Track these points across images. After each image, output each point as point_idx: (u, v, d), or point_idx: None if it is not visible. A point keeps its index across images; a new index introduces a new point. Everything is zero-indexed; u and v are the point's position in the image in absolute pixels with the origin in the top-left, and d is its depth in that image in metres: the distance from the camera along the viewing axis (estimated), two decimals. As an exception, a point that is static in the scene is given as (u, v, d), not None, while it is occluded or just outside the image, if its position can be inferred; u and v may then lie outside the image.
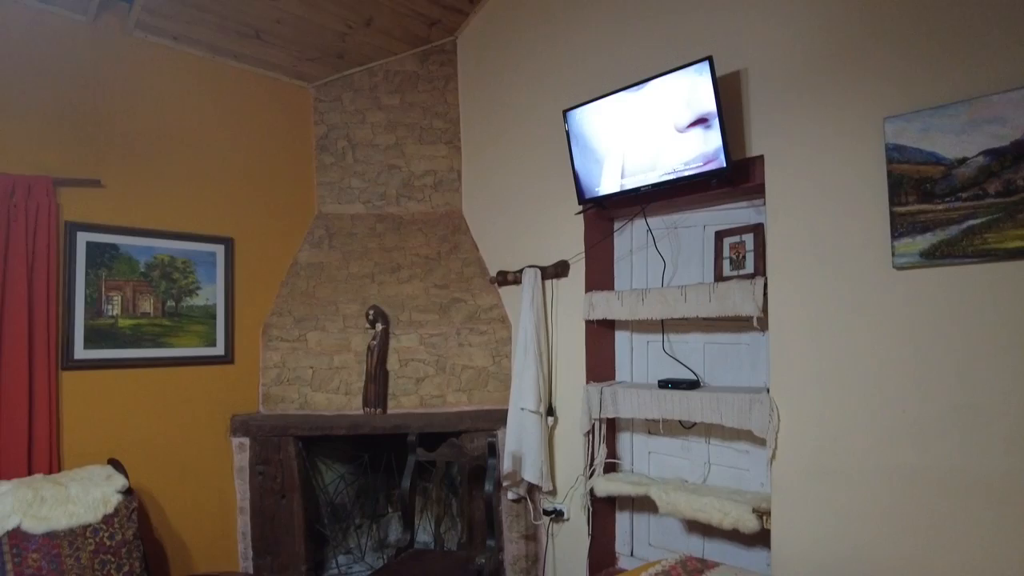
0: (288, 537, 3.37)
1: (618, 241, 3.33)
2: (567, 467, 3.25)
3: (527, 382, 3.20)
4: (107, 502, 2.64)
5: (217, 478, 3.40)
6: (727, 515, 2.58)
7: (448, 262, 3.81)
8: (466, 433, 3.37)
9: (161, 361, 3.27)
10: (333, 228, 3.89)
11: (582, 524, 3.16)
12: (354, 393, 3.56)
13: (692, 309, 2.74)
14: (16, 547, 2.32)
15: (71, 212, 3.02)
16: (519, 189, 3.59)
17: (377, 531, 3.84)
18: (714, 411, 2.69)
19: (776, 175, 2.52)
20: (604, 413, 3.03)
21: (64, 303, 2.98)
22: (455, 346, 3.60)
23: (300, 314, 3.66)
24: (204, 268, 3.45)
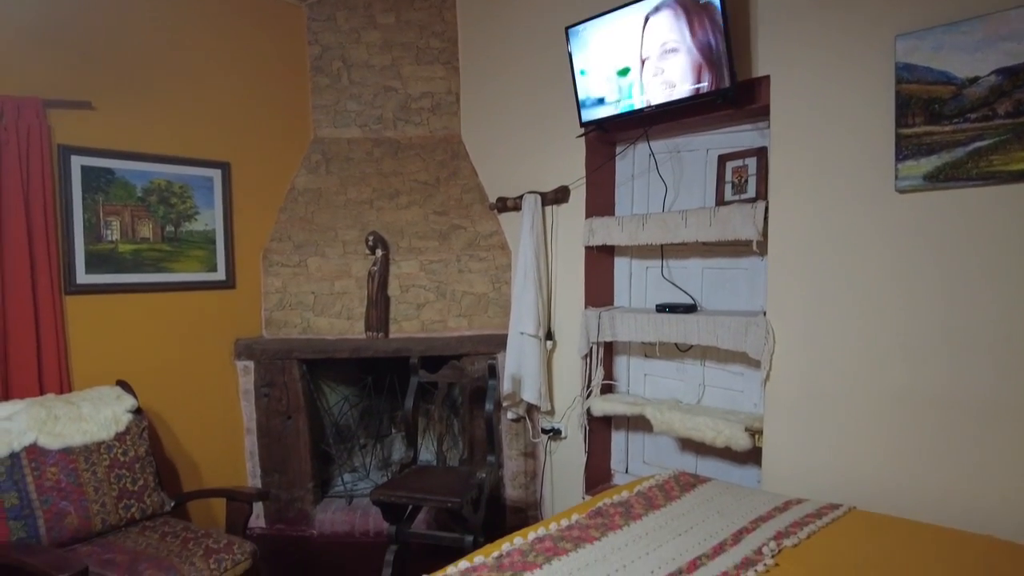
0: (295, 456, 3.49)
1: (619, 166, 3.30)
2: (565, 389, 3.33)
3: (527, 307, 3.24)
4: (118, 421, 2.71)
5: (223, 400, 3.49)
6: (720, 434, 2.67)
7: (447, 188, 3.78)
8: (467, 356, 3.43)
9: (163, 286, 3.29)
10: (330, 153, 3.84)
11: (579, 442, 3.27)
12: (356, 318, 3.61)
13: (692, 234, 2.74)
14: (34, 461, 2.40)
15: (63, 135, 2.96)
16: (519, 112, 3.52)
17: (381, 451, 3.97)
18: (710, 334, 2.73)
19: (781, 96, 2.47)
20: (602, 337, 3.08)
21: (63, 228, 2.97)
22: (455, 272, 3.62)
23: (300, 240, 3.66)
24: (201, 193, 3.42)
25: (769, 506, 2.19)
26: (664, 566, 1.78)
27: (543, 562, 1.80)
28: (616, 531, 2.02)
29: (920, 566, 1.76)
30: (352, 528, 3.45)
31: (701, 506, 2.23)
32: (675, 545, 1.91)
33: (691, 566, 1.77)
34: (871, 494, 2.24)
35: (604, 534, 2.00)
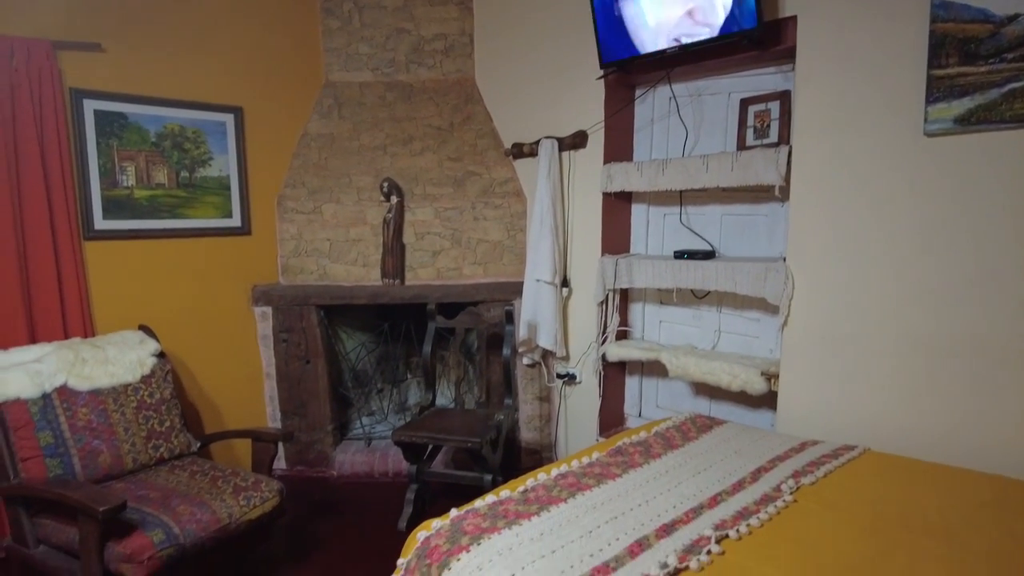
0: (314, 399, 3.56)
1: (638, 110, 3.25)
2: (580, 335, 3.37)
3: (543, 254, 3.24)
4: (143, 364, 2.76)
5: (242, 345, 3.54)
6: (736, 378, 2.70)
7: (461, 133, 3.73)
8: (483, 303, 3.46)
9: (179, 232, 3.29)
10: (342, 97, 3.78)
11: (593, 387, 3.32)
12: (371, 265, 3.62)
13: (714, 179, 2.72)
14: (66, 402, 2.46)
15: (74, 79, 2.92)
16: (535, 54, 3.44)
17: (397, 395, 4.05)
18: (729, 280, 2.74)
19: (809, 36, 2.41)
20: (619, 284, 3.09)
21: (79, 174, 2.96)
22: (470, 220, 3.61)
23: (314, 186, 3.64)
24: (215, 138, 3.39)
25: (785, 447, 2.25)
26: (685, 501, 1.83)
27: (567, 496, 1.85)
28: (636, 468, 2.08)
29: (934, 503, 1.81)
30: (371, 469, 3.55)
31: (719, 446, 2.28)
32: (695, 483, 1.96)
33: (711, 502, 1.82)
34: (886, 436, 2.29)
35: (625, 471, 2.05)
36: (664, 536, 1.62)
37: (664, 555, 1.51)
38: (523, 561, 1.49)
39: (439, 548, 1.60)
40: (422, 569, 1.58)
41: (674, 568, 1.45)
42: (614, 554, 1.52)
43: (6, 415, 2.34)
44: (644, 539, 1.60)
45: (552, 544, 1.57)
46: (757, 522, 1.69)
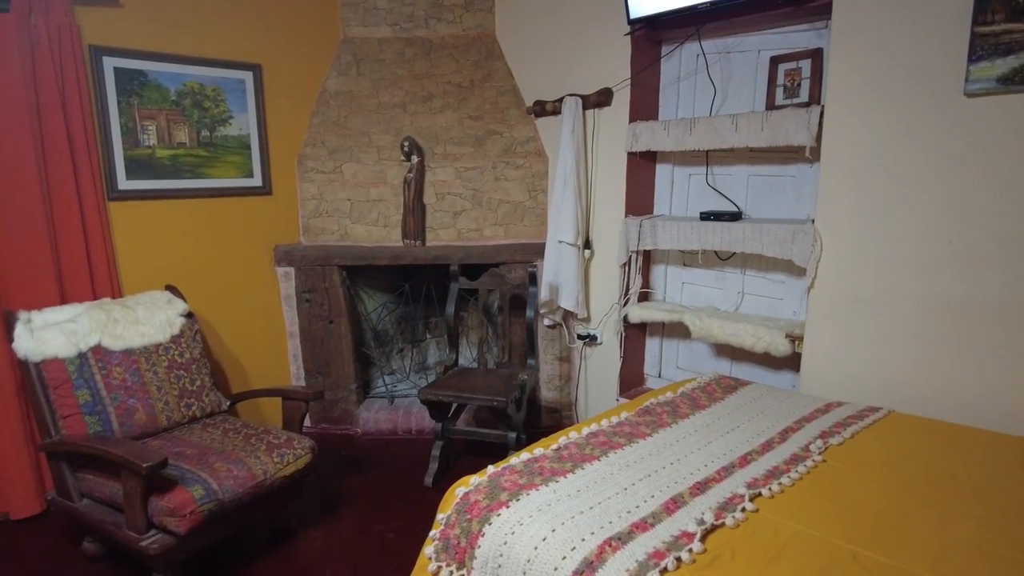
0: (337, 358, 3.60)
1: (664, 68, 3.18)
2: (602, 296, 3.38)
3: (565, 215, 3.23)
4: (172, 324, 2.79)
5: (265, 305, 3.57)
6: (760, 339, 2.72)
7: (482, 91, 3.68)
8: (504, 264, 3.46)
9: (202, 192, 3.29)
10: (360, 54, 3.72)
11: (614, 348, 3.34)
12: (392, 226, 3.61)
13: (743, 139, 2.68)
14: (100, 361, 2.50)
15: (93, 35, 2.88)
16: (558, 9, 3.37)
17: (417, 354, 4.09)
18: (755, 241, 2.73)
19: (847, -10, 2.35)
20: (643, 245, 3.09)
21: (101, 133, 2.94)
22: (491, 180, 3.59)
23: (333, 145, 3.62)
24: (234, 96, 3.35)
25: (811, 407, 2.27)
26: (715, 461, 1.86)
27: (599, 455, 1.89)
28: (665, 428, 2.11)
29: (961, 464, 1.84)
30: (395, 426, 3.61)
31: (745, 407, 2.31)
32: (724, 442, 2.00)
33: (742, 461, 1.86)
34: (911, 399, 2.31)
35: (655, 431, 2.08)
36: (698, 494, 1.65)
37: (700, 512, 1.54)
38: (562, 516, 1.53)
39: (479, 504, 1.65)
40: (462, 524, 1.63)
41: (710, 525, 1.49)
42: (651, 510, 1.56)
43: (45, 373, 2.39)
44: (679, 496, 1.64)
45: (589, 500, 1.61)
46: (789, 481, 1.72)
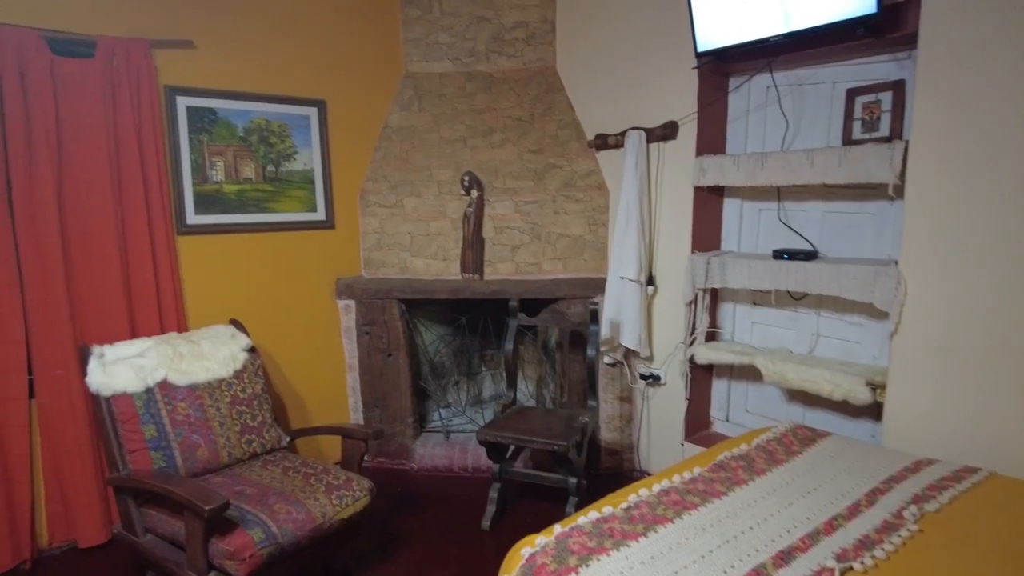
0: (395, 392, 3.58)
1: (732, 100, 3.09)
2: (666, 335, 3.26)
3: (628, 250, 3.15)
4: (235, 359, 2.81)
5: (326, 338, 3.59)
6: (838, 387, 2.56)
7: (542, 124, 3.65)
8: (562, 300, 3.39)
9: (266, 226, 3.34)
10: (422, 88, 3.74)
11: (678, 389, 3.22)
12: (451, 259, 3.60)
13: (818, 175, 2.56)
14: (167, 396, 2.53)
15: (168, 76, 2.97)
16: (621, 41, 3.32)
17: (473, 388, 4.04)
18: (833, 283, 2.59)
19: (934, 21, 2.21)
20: (710, 283, 2.97)
21: (172, 169, 3.03)
22: (550, 214, 3.54)
23: (395, 179, 3.64)
24: (299, 132, 3.41)
25: (898, 465, 2.11)
26: (799, 525, 1.73)
27: (673, 516, 1.78)
28: (742, 486, 1.98)
29: (1082, 539, 1.66)
30: (451, 463, 3.55)
31: (825, 462, 2.16)
32: (806, 504, 1.86)
33: (827, 527, 1.72)
34: (1014, 459, 2.12)
35: (730, 488, 1.96)
36: (783, 565, 1.53)
37: (788, 589, 1.42)
38: (638, 589, 1.43)
39: (546, 568, 1.56)
40: (529, 589, 1.55)
41: (801, 605, 1.37)
42: (734, 585, 1.45)
43: (115, 408, 2.43)
44: (762, 568, 1.52)
45: (664, 570, 1.51)
46: (883, 554, 1.58)
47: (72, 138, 2.70)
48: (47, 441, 2.71)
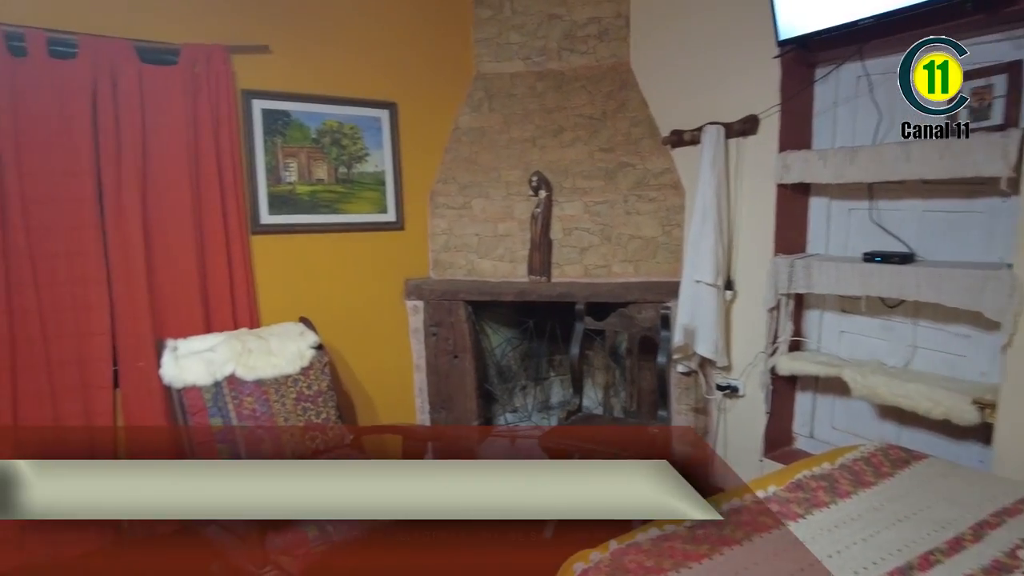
0: (461, 394, 3.55)
1: (819, 91, 2.86)
2: (745, 343, 3.06)
3: (704, 253, 2.98)
4: (302, 356, 2.85)
5: (394, 338, 3.60)
6: (938, 404, 2.30)
7: (614, 122, 3.53)
8: (633, 304, 3.25)
9: (337, 227, 3.39)
10: (492, 89, 3.71)
11: (758, 402, 3.01)
12: (518, 261, 3.53)
13: (917, 170, 2.32)
14: (234, 390, 2.59)
15: (245, 80, 3.06)
16: (698, 33, 3.16)
17: (540, 393, 3.96)
18: (933, 289, 2.33)
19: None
20: (794, 288, 2.76)
21: (247, 170, 3.11)
22: (622, 214, 3.41)
23: (464, 181, 3.62)
24: (370, 134, 3.45)
25: (1013, 496, 1.85)
26: (888, 558, 1.54)
27: (742, 538, 1.63)
28: (822, 509, 1.80)
29: None
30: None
31: (921, 488, 1.93)
32: (897, 533, 1.66)
33: (923, 562, 1.52)
34: None
35: (808, 511, 1.78)
36: (867, 602, 1.36)
37: (872, 632, 1.25)
38: (696, 618, 1.30)
39: (598, 587, 1.46)
40: (579, 609, 1.44)
41: (888, 652, 1.19)
42: (807, 622, 1.29)
43: (185, 400, 2.50)
44: (842, 604, 1.35)
45: (728, 598, 1.37)
46: (990, 598, 1.38)
47: (156, 142, 2.82)
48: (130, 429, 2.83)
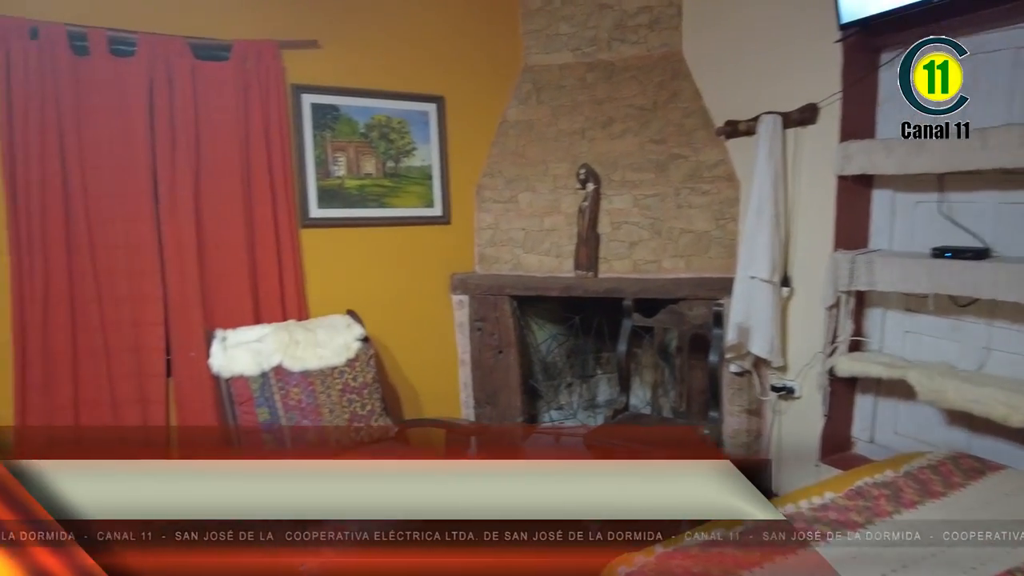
0: (505, 390, 3.52)
1: (885, 77, 2.70)
2: (801, 342, 2.93)
3: (759, 248, 2.85)
4: (349, 348, 2.87)
5: (440, 332, 3.60)
6: (1016, 410, 2.14)
7: (666, 113, 3.42)
8: (683, 301, 3.15)
9: (385, 221, 3.40)
10: (541, 81, 3.65)
11: (815, 404, 2.87)
12: (564, 256, 3.48)
13: (994, 159, 2.16)
14: (280, 381, 2.62)
15: (294, 75, 3.10)
16: (754, 18, 3.02)
17: (586, 390, 3.89)
18: (1010, 286, 2.17)
19: None
20: (855, 285, 2.61)
21: (297, 164, 3.15)
22: (673, 208, 3.31)
23: (511, 174, 3.58)
24: (418, 128, 3.45)
25: (1101, 513, 1.70)
26: (959, 575, 1.43)
27: (797, 547, 1.54)
28: (884, 519, 1.69)
29: None
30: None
31: (998, 501, 1.80)
32: (972, 549, 1.54)
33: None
34: None
35: (869, 520, 1.68)
36: (935, 624, 1.26)
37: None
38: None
39: (641, 592, 1.39)
40: (621, 614, 1.38)
41: None
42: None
43: (233, 390, 2.54)
44: (907, 623, 1.25)
45: (781, 611, 1.29)
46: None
47: (208, 137, 2.88)
48: (182, 417, 2.90)
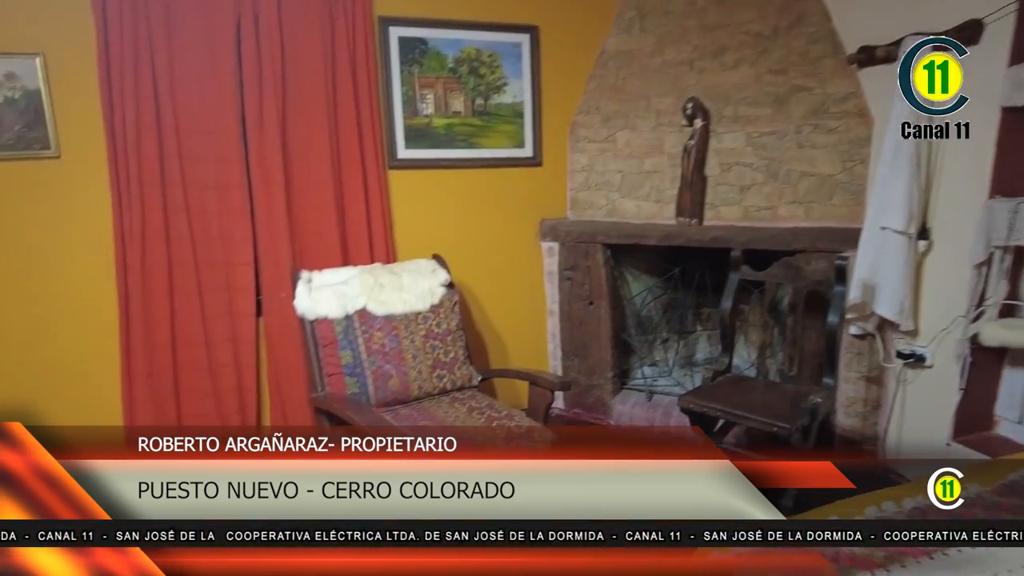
0: (595, 343, 3.35)
1: (1077, -16, 2.20)
2: (938, 304, 2.55)
3: (895, 194, 2.47)
4: (433, 293, 2.79)
5: (528, 280, 3.45)
6: None
7: (788, 39, 3.01)
8: (801, 253, 2.81)
9: (473, 162, 3.25)
10: (645, 8, 3.30)
11: (951, 375, 2.50)
12: (666, 201, 3.20)
13: None
14: (364, 325, 2.58)
15: (381, 6, 2.95)
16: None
17: (684, 348, 3.64)
18: None
19: None
20: (1014, 239, 2.21)
21: (384, 102, 3.03)
22: (792, 147, 2.94)
23: (608, 111, 3.31)
24: (509, 61, 3.23)
25: None
26: None
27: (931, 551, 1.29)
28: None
29: None
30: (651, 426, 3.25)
31: None
32: None
33: None
34: None
35: (1027, 525, 1.39)
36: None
37: None
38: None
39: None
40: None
41: None
42: None
43: (317, 331, 2.53)
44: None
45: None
46: None
47: (294, 74, 2.80)
48: (271, 357, 2.94)
